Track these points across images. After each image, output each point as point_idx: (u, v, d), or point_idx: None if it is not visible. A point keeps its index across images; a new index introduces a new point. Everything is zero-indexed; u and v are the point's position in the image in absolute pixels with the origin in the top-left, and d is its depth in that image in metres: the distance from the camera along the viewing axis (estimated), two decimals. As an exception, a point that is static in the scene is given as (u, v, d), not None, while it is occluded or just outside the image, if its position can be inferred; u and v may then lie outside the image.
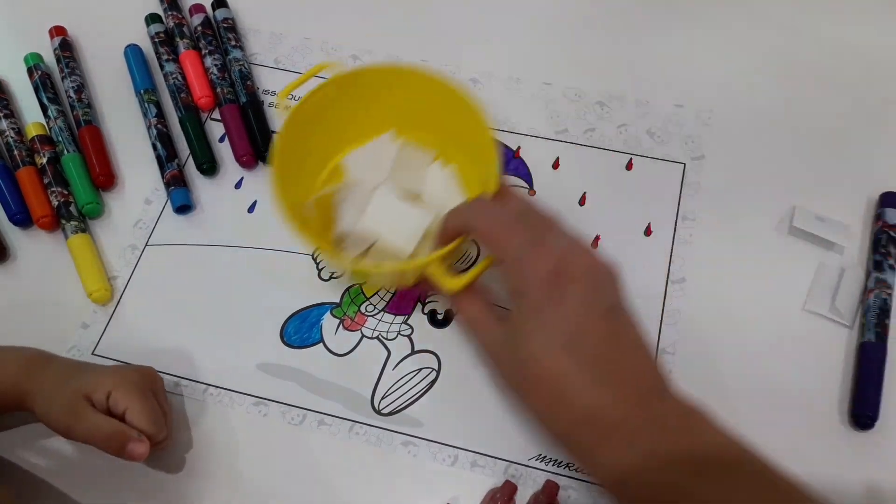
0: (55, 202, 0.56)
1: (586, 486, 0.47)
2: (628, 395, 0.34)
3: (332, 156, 0.54)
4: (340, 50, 0.64)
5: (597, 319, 0.35)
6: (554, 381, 0.34)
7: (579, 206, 0.56)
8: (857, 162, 0.56)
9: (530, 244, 0.37)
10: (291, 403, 0.50)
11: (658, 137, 0.58)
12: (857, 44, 0.61)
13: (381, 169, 0.52)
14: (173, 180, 0.57)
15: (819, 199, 0.55)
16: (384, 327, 0.52)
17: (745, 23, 0.63)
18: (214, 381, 0.50)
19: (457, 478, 0.47)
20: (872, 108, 0.58)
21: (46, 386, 0.44)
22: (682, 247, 0.54)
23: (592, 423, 0.34)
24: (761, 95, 0.60)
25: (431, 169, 0.53)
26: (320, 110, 0.51)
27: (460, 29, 0.64)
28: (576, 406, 0.34)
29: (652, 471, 0.33)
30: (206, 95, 0.61)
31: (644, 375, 0.36)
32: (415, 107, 0.52)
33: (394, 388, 0.50)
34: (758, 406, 0.48)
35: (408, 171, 0.52)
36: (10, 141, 0.58)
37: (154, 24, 0.64)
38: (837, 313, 0.50)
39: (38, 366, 0.45)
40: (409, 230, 0.49)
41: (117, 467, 0.46)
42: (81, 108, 0.60)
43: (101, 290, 0.53)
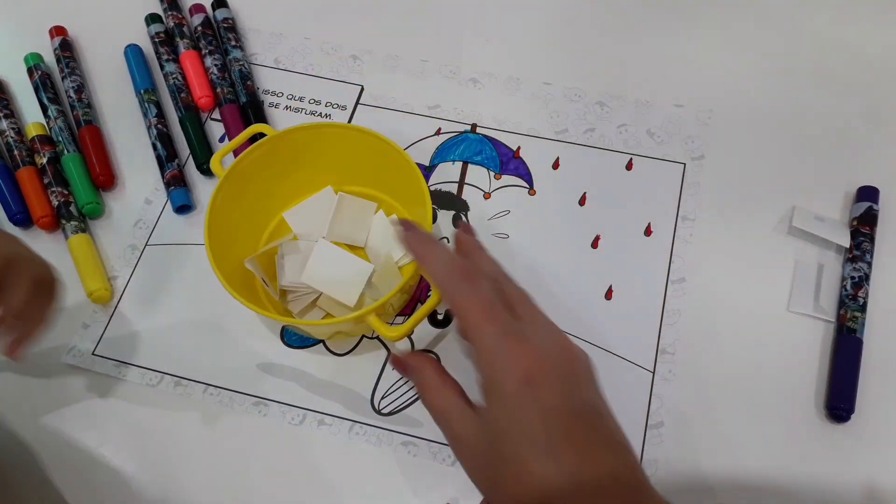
0: (55, 202, 0.56)
1: (586, 486, 0.47)
2: (610, 498, 0.34)
3: (273, 213, 0.55)
4: (340, 50, 0.64)
5: (577, 418, 0.35)
6: (536, 484, 0.34)
7: (579, 206, 0.56)
8: (856, 162, 0.56)
9: (504, 334, 0.36)
10: (291, 403, 0.50)
11: (658, 137, 0.58)
12: (857, 44, 0.61)
13: (321, 222, 0.53)
14: (173, 180, 0.57)
15: (819, 199, 0.55)
16: (384, 327, 0.52)
17: (745, 23, 0.63)
18: (214, 381, 0.51)
19: (457, 478, 0.47)
20: (872, 108, 0.58)
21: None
22: (682, 247, 0.54)
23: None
24: (761, 95, 0.60)
25: (375, 219, 0.54)
26: (255, 171, 0.51)
27: (460, 29, 0.64)
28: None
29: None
30: (206, 95, 0.61)
31: (625, 471, 0.35)
32: (350, 161, 0.53)
33: (394, 388, 0.50)
34: (758, 405, 0.48)
35: (349, 224, 0.53)
36: (11, 141, 0.58)
37: (154, 24, 0.64)
38: (822, 311, 0.50)
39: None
40: (352, 281, 0.50)
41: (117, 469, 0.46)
42: (81, 108, 0.60)
43: (101, 290, 0.53)
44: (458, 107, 0.60)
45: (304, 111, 0.61)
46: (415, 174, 0.49)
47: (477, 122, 0.60)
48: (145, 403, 0.50)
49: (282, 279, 0.52)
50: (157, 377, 0.51)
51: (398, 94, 0.61)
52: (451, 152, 0.58)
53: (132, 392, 0.50)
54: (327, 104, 0.61)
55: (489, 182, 0.57)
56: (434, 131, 0.59)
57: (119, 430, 0.49)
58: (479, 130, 0.59)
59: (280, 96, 0.62)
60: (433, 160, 0.58)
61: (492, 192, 0.57)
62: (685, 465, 0.47)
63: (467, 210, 0.56)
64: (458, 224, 0.43)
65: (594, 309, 0.52)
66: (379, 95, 0.61)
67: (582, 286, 0.53)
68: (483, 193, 0.57)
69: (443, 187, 0.57)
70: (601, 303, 0.52)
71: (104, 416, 0.50)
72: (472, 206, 0.56)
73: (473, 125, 0.59)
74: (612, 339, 0.51)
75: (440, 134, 0.59)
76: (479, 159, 0.58)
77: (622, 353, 0.50)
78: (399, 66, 0.63)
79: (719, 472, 0.47)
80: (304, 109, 0.61)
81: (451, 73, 0.62)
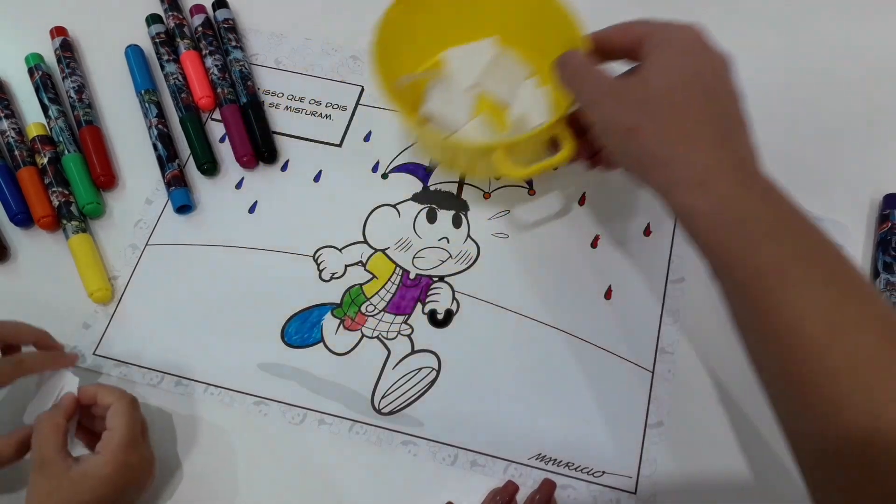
0: (56, 202, 0.56)
1: (586, 486, 0.47)
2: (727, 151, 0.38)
3: (433, 49, 0.57)
4: (341, 50, 0.64)
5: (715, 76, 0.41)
6: (677, 108, 0.38)
7: (579, 205, 0.56)
8: (857, 162, 0.56)
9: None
10: (291, 403, 0.50)
11: (658, 138, 0.58)
12: (857, 44, 0.61)
13: (476, 69, 0.56)
14: (174, 180, 0.57)
15: (819, 199, 0.54)
16: (384, 327, 0.52)
17: (745, 23, 0.63)
18: (214, 381, 0.51)
19: (457, 478, 0.47)
20: (872, 109, 0.58)
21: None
22: (682, 247, 0.54)
23: (694, 153, 0.37)
24: (761, 95, 0.59)
25: (526, 84, 0.56)
26: (429, 3, 0.54)
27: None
28: (689, 138, 0.38)
29: (731, 215, 0.36)
30: (206, 96, 0.61)
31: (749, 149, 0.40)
32: (520, 21, 0.55)
33: (394, 387, 0.50)
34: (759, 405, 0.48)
35: (500, 78, 0.56)
36: (11, 141, 0.58)
37: (155, 24, 0.64)
38: None
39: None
40: (513, 84, 0.55)
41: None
42: (82, 108, 0.60)
43: (101, 290, 0.53)
44: (458, 107, 0.60)
45: (305, 111, 0.61)
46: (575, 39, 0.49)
47: (477, 123, 0.60)
48: (146, 403, 0.50)
49: (425, 107, 0.55)
50: (157, 377, 0.51)
51: (398, 95, 0.61)
52: (452, 152, 0.58)
53: (133, 392, 0.50)
54: (327, 104, 0.61)
55: (489, 182, 0.57)
56: (434, 131, 0.59)
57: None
58: (480, 130, 0.59)
59: (280, 97, 0.62)
60: (433, 160, 0.58)
61: (492, 192, 0.57)
62: (685, 464, 0.47)
63: (467, 210, 0.56)
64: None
65: (594, 309, 0.52)
66: (379, 96, 0.61)
67: (582, 286, 0.53)
68: (483, 193, 0.57)
69: (443, 188, 0.57)
70: (601, 302, 0.52)
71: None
72: (472, 206, 0.56)
73: (473, 125, 0.60)
74: (611, 339, 0.51)
75: (440, 134, 0.59)
76: (480, 159, 0.58)
77: (622, 352, 0.50)
78: (399, 66, 0.63)
79: (719, 472, 0.47)
80: (304, 110, 0.61)
81: (451, 73, 0.62)
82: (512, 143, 0.48)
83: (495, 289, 0.53)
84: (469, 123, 0.55)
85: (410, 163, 0.58)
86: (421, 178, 0.58)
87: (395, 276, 0.54)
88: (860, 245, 0.53)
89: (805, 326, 0.33)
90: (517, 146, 0.48)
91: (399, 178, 0.58)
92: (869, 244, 0.53)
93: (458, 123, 0.54)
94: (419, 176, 0.58)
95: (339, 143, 0.60)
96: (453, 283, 0.53)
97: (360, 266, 0.54)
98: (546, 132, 0.47)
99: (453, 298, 0.53)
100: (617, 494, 0.46)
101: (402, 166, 0.58)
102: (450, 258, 0.54)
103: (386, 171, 0.58)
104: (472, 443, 0.48)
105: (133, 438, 0.44)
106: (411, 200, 0.57)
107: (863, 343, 0.32)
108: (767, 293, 0.35)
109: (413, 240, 0.55)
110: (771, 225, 0.36)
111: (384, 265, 0.54)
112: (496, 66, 0.56)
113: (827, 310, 0.33)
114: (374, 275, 0.54)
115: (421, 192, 0.57)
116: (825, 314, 0.33)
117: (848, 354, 0.32)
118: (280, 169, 0.59)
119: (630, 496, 0.46)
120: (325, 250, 0.55)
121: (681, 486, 0.46)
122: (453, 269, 0.54)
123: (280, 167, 0.59)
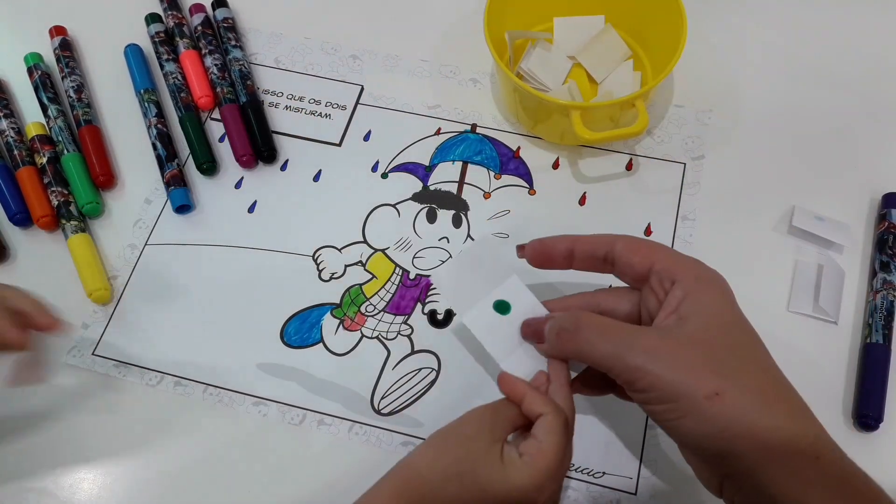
0: (55, 202, 0.56)
1: (586, 486, 0.47)
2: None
3: (543, 15, 0.61)
4: (340, 50, 0.64)
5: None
6: (755, 367, 0.35)
7: (579, 205, 0.56)
8: (856, 162, 0.56)
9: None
10: (291, 404, 0.50)
11: (658, 137, 0.58)
12: (857, 44, 0.61)
13: (578, 42, 0.60)
14: (173, 180, 0.57)
15: (819, 199, 0.55)
16: (384, 327, 0.52)
17: (746, 23, 0.63)
18: (214, 381, 0.51)
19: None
20: (872, 108, 0.58)
21: None
22: (682, 247, 0.54)
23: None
24: (761, 95, 0.60)
25: (623, 66, 0.59)
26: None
27: (461, 29, 0.64)
28: (781, 400, 0.35)
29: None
30: (206, 95, 0.61)
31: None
32: (627, 4, 0.59)
33: (394, 388, 0.50)
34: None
35: (599, 54, 0.59)
36: (10, 141, 0.58)
37: (154, 23, 0.64)
38: (822, 311, 0.51)
39: None
40: (609, 63, 0.59)
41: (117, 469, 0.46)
42: (81, 107, 0.60)
43: (101, 289, 0.53)
44: (457, 107, 0.60)
45: (304, 111, 0.61)
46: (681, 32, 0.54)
47: (477, 122, 0.60)
48: (145, 403, 0.50)
49: (523, 63, 0.59)
50: (157, 377, 0.51)
51: (398, 94, 0.61)
52: (451, 152, 0.58)
53: (132, 392, 0.50)
54: (327, 104, 0.61)
55: (489, 182, 0.57)
56: (434, 131, 0.59)
57: (119, 430, 0.49)
58: (479, 130, 0.59)
59: (280, 96, 0.62)
60: (433, 160, 0.58)
61: (492, 192, 0.57)
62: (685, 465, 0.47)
63: (467, 210, 0.56)
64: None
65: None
66: (379, 95, 0.61)
67: (581, 286, 0.53)
68: (483, 193, 0.57)
69: (443, 187, 0.57)
70: (601, 303, 0.52)
71: (104, 416, 0.50)
72: (472, 206, 0.56)
73: (473, 125, 0.59)
74: (611, 340, 0.51)
75: (440, 134, 0.59)
76: (479, 159, 0.58)
77: (622, 353, 0.50)
78: (399, 66, 0.63)
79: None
80: (304, 109, 0.61)
81: (451, 72, 0.62)
82: (589, 107, 0.53)
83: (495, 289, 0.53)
84: (558, 88, 0.58)
85: (410, 162, 0.58)
86: (421, 177, 0.57)
87: (394, 276, 0.54)
88: (860, 244, 0.53)
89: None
90: (594, 111, 0.53)
91: (399, 177, 0.58)
92: (869, 243, 0.53)
93: (549, 85, 0.58)
94: (419, 175, 0.58)
95: (338, 143, 0.59)
96: (453, 283, 0.53)
97: (359, 266, 0.54)
98: (624, 103, 0.52)
99: (453, 298, 0.53)
100: (617, 495, 0.46)
101: (402, 166, 0.58)
102: (450, 258, 0.54)
103: (386, 170, 0.58)
104: (472, 443, 0.48)
105: (560, 467, 0.38)
106: (411, 200, 0.57)
107: None
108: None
109: (413, 240, 0.55)
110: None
111: (384, 265, 0.54)
112: (597, 43, 0.59)
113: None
114: (373, 275, 0.54)
115: (421, 192, 0.57)
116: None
117: None
118: (279, 168, 0.58)
119: (630, 497, 0.46)
120: (325, 250, 0.55)
121: (681, 488, 0.46)
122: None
123: (279, 167, 0.59)
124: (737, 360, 0.35)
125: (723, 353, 0.35)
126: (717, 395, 0.33)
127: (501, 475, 0.36)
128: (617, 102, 0.53)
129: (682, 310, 0.36)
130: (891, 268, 0.51)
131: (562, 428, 0.37)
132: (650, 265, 0.38)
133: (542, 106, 0.55)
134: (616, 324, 0.38)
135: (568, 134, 0.54)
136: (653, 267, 0.38)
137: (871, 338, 0.49)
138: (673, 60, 0.53)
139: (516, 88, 0.54)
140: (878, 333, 0.49)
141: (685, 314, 0.36)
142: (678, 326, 0.36)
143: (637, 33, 0.60)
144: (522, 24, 0.60)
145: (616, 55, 0.59)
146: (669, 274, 0.37)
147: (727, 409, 0.33)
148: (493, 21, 0.55)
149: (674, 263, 0.37)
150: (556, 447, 0.37)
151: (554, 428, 0.37)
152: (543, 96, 0.53)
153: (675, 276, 0.37)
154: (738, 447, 0.33)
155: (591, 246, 0.40)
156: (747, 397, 0.34)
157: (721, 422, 0.33)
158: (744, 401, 0.33)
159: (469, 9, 0.64)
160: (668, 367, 0.34)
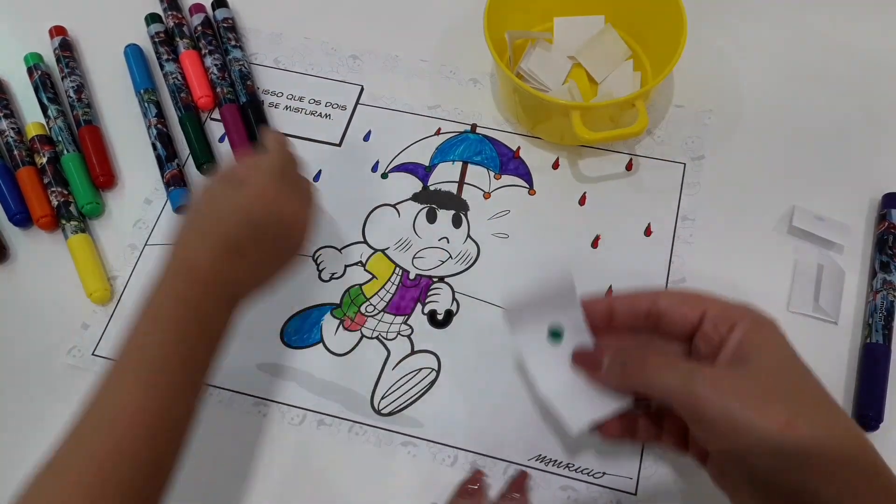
0: (55, 202, 0.56)
1: (586, 487, 0.47)
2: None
3: (543, 16, 0.61)
4: (340, 50, 0.64)
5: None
6: (818, 397, 0.36)
7: (579, 205, 0.56)
8: (856, 162, 0.56)
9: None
10: (291, 404, 0.50)
11: (658, 137, 0.58)
12: (857, 44, 0.61)
13: (578, 42, 0.60)
14: (173, 180, 0.57)
15: (819, 199, 0.55)
16: (384, 327, 0.52)
17: (746, 23, 0.63)
18: (214, 381, 0.50)
19: (457, 478, 0.47)
20: (872, 109, 0.58)
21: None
22: (682, 247, 0.54)
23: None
24: (761, 95, 0.60)
25: (623, 66, 0.59)
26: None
27: (461, 29, 0.64)
28: (850, 432, 0.35)
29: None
30: (205, 95, 0.61)
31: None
32: (628, 5, 0.59)
33: (394, 388, 0.50)
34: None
35: (599, 54, 0.59)
36: (10, 141, 0.58)
37: (154, 23, 0.64)
38: (822, 311, 0.51)
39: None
40: (609, 63, 0.59)
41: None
42: (81, 107, 0.60)
43: (101, 290, 0.53)
44: (457, 107, 0.60)
45: (304, 111, 0.61)
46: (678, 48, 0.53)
47: (477, 123, 0.60)
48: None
49: (523, 63, 0.59)
50: (156, 377, 0.51)
51: (398, 94, 0.61)
52: (451, 152, 0.58)
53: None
54: (327, 104, 0.61)
55: (489, 182, 0.57)
56: (434, 131, 0.59)
57: (119, 430, 0.49)
58: (479, 130, 0.59)
59: (280, 96, 0.62)
60: (433, 160, 0.58)
61: (492, 192, 0.57)
62: (685, 466, 0.47)
63: (467, 210, 0.56)
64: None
65: (594, 309, 0.52)
66: (379, 95, 0.61)
67: (582, 286, 0.52)
68: (483, 193, 0.57)
69: (443, 187, 0.57)
70: (601, 303, 0.52)
71: (104, 416, 0.50)
72: (472, 206, 0.56)
73: (473, 125, 0.59)
74: (611, 340, 0.51)
75: (440, 134, 0.59)
76: (479, 159, 0.58)
77: (622, 353, 0.50)
78: (399, 66, 0.63)
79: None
80: (303, 109, 0.61)
81: (450, 73, 0.62)
82: (589, 107, 0.53)
83: (495, 289, 0.53)
84: (558, 88, 0.58)
85: (410, 162, 0.58)
86: (421, 177, 0.57)
87: (394, 276, 0.54)
88: (860, 244, 0.53)
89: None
90: (594, 111, 0.54)
91: (399, 177, 0.58)
92: (869, 243, 0.53)
93: (549, 85, 0.58)
94: (419, 176, 0.58)
95: (338, 143, 0.59)
96: (453, 283, 0.53)
97: (359, 266, 0.54)
98: (624, 103, 0.52)
99: (453, 299, 0.53)
100: (617, 495, 0.46)
101: (402, 166, 0.58)
102: (450, 258, 0.54)
103: (386, 170, 0.58)
104: (473, 444, 0.48)
105: (282, 167, 0.42)
106: (411, 200, 0.57)
107: None
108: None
109: (413, 240, 0.55)
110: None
111: (384, 265, 0.54)
112: (597, 43, 0.59)
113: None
114: (373, 275, 0.54)
115: (421, 192, 0.57)
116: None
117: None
118: (279, 169, 0.58)
119: (630, 497, 0.46)
120: (325, 250, 0.55)
121: (681, 488, 0.46)
122: (453, 270, 0.54)
123: (279, 167, 0.59)
124: (802, 393, 0.35)
125: (788, 386, 0.35)
126: (788, 425, 0.33)
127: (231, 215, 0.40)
128: (617, 102, 0.53)
129: (743, 349, 0.36)
130: (891, 268, 0.51)
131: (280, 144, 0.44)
132: (702, 312, 0.38)
133: (542, 106, 0.55)
134: (681, 359, 0.39)
135: (568, 134, 0.54)
136: (706, 314, 0.38)
137: (871, 338, 0.49)
138: (673, 60, 0.53)
139: (516, 88, 0.54)
140: (878, 333, 0.49)
141: (746, 352, 0.36)
142: (742, 364, 0.36)
143: (637, 33, 0.60)
144: (522, 24, 0.60)
145: (616, 55, 0.59)
146: (727, 318, 0.38)
147: (801, 438, 0.33)
148: (493, 21, 0.55)
149: (729, 308, 0.38)
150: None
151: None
152: (543, 96, 0.54)
153: (733, 319, 0.37)
154: (812, 477, 0.33)
155: (630, 304, 0.41)
156: (818, 429, 0.34)
157: (792, 450, 0.33)
158: (814, 431, 0.34)
159: (469, 9, 0.64)
160: (736, 398, 0.34)
